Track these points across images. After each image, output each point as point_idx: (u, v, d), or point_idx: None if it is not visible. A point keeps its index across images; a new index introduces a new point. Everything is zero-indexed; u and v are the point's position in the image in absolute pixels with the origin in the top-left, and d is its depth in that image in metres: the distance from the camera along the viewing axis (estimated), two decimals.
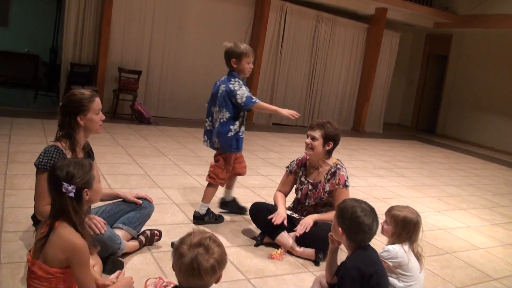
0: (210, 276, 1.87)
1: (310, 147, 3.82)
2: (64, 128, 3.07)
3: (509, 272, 4.16)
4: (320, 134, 3.79)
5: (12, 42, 12.12)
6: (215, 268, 1.87)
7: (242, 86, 4.19)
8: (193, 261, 1.85)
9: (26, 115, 8.21)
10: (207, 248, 1.89)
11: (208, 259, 1.86)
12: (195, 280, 1.87)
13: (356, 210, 2.53)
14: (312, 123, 3.92)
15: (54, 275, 2.17)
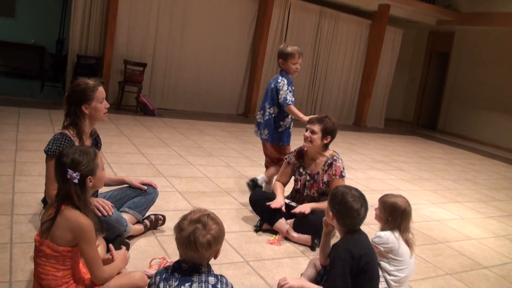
0: (206, 250, 2.04)
1: (309, 140, 3.99)
2: (70, 117, 3.23)
3: (500, 261, 4.31)
4: (319, 128, 3.96)
5: (19, 33, 12.27)
6: (210, 243, 2.04)
7: (287, 85, 4.73)
8: (190, 235, 2.03)
9: (33, 105, 8.39)
10: (204, 224, 2.06)
11: (204, 235, 2.04)
12: (192, 253, 2.05)
13: (346, 195, 2.69)
14: (312, 118, 4.09)
15: (62, 253, 2.33)
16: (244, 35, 11.21)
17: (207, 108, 11.01)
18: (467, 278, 3.79)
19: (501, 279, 3.91)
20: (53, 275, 2.31)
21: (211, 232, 2.05)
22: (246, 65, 11.39)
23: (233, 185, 5.32)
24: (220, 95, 11.18)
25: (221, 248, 2.17)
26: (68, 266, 2.35)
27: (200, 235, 2.03)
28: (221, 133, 8.56)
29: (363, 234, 2.79)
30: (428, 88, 15.04)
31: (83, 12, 9.38)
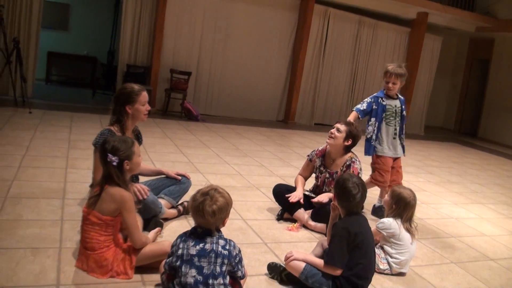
0: (211, 217, 2.52)
1: (333, 136, 4.43)
2: (115, 115, 3.79)
3: (508, 256, 4.58)
4: (345, 129, 4.40)
5: (73, 45, 13.13)
6: (215, 212, 2.52)
7: (368, 98, 5.05)
8: (199, 205, 2.54)
9: (85, 110, 9.11)
10: (212, 197, 2.56)
11: (211, 205, 2.52)
12: (200, 219, 2.56)
13: (347, 181, 3.11)
14: (341, 119, 4.60)
15: (105, 221, 2.87)
16: (284, 44, 11.68)
17: (248, 114, 11.53)
18: (471, 267, 4.11)
19: (506, 270, 4.20)
20: (96, 239, 2.84)
21: (216, 203, 2.53)
22: (286, 73, 11.85)
23: (263, 182, 5.78)
24: (261, 102, 11.68)
25: (228, 217, 2.65)
26: (110, 233, 2.88)
27: (207, 205, 2.52)
28: (259, 137, 9.03)
29: (362, 217, 3.19)
30: (469, 96, 15.10)
31: (132, 25, 10.08)
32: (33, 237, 3.33)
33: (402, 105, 5.05)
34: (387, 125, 4.97)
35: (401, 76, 4.83)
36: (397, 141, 5.03)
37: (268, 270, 3.27)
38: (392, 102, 4.98)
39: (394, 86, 4.86)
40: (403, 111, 5.03)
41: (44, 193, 4.25)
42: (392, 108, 4.96)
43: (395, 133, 5.00)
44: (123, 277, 2.89)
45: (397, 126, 5.00)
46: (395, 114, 4.97)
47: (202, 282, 2.47)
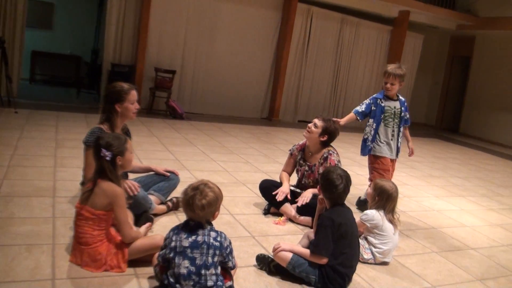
0: (200, 211, 2.63)
1: (309, 131, 4.59)
2: (105, 113, 3.87)
3: (488, 245, 4.75)
4: (321, 124, 4.55)
5: (56, 44, 13.08)
6: (204, 206, 2.63)
7: (367, 100, 5.16)
8: (189, 199, 2.65)
9: (70, 109, 9.14)
10: (201, 191, 2.66)
11: (200, 199, 2.63)
12: (190, 212, 2.68)
13: (331, 173, 3.26)
14: (320, 115, 4.74)
15: (98, 216, 2.96)
16: (268, 42, 11.80)
17: (233, 112, 11.63)
18: (452, 256, 4.26)
19: (486, 258, 4.36)
20: (90, 234, 2.93)
21: (206, 198, 2.64)
22: (270, 71, 11.97)
23: (249, 178, 5.89)
24: (245, 100, 11.79)
25: (218, 211, 2.77)
26: (103, 227, 2.97)
27: (197, 200, 2.63)
28: (244, 135, 9.14)
29: (347, 208, 3.32)
30: (451, 92, 15.35)
31: (116, 24, 10.12)
32: (26, 234, 3.41)
33: (402, 106, 5.03)
34: (386, 126, 4.98)
35: (399, 76, 4.81)
36: (394, 142, 5.04)
37: (256, 262, 3.39)
38: (392, 103, 4.98)
39: (393, 86, 4.85)
40: (402, 113, 5.01)
41: (35, 192, 4.32)
42: (391, 110, 4.96)
43: (392, 135, 5.00)
44: (117, 271, 2.98)
45: (395, 128, 5.01)
46: (394, 115, 4.98)
47: (195, 273, 2.58)
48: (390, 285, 3.46)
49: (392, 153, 5.06)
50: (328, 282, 3.13)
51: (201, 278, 2.58)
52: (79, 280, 2.87)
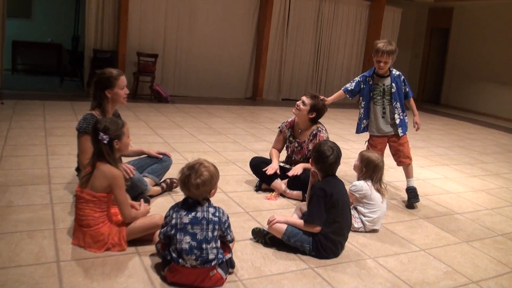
0: (195, 189, 2.75)
1: (298, 108, 4.70)
2: (96, 99, 3.95)
3: (472, 209, 4.94)
4: (309, 102, 4.66)
5: (36, 33, 12.98)
6: (198, 185, 2.74)
7: (358, 77, 5.01)
8: (185, 178, 2.77)
9: (55, 98, 9.16)
10: (197, 170, 2.77)
11: (195, 178, 2.75)
12: (185, 190, 2.80)
13: (322, 145, 3.44)
14: (308, 91, 4.85)
15: (99, 198, 3.06)
16: (248, 22, 11.84)
17: (217, 93, 11.71)
18: (438, 221, 4.44)
19: (470, 221, 4.54)
20: (92, 216, 3.04)
21: (201, 177, 2.75)
22: (252, 50, 12.04)
23: (238, 157, 6.03)
24: (229, 81, 11.86)
25: (215, 189, 2.89)
26: (104, 209, 3.08)
27: (192, 179, 2.75)
28: (230, 115, 9.24)
29: (338, 180, 3.47)
30: (431, 64, 15.52)
31: (96, 9, 10.10)
32: (27, 221, 3.50)
33: (393, 82, 4.75)
34: (375, 105, 4.84)
35: (392, 53, 4.57)
36: (386, 120, 4.84)
37: (252, 235, 3.53)
38: (380, 80, 4.77)
39: (386, 65, 4.63)
40: (392, 88, 4.74)
41: (30, 180, 4.41)
42: (379, 87, 4.78)
43: (384, 112, 4.82)
44: (118, 249, 3.10)
45: (387, 105, 4.80)
46: (383, 93, 4.77)
47: (196, 247, 2.70)
48: (381, 250, 3.62)
49: (386, 130, 4.87)
50: (322, 249, 3.29)
51: (202, 252, 2.71)
52: (83, 261, 2.98)
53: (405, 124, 4.92)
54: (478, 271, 3.45)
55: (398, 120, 4.83)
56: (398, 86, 4.78)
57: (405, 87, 4.87)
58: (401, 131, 4.88)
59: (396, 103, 4.80)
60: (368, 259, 3.44)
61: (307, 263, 3.25)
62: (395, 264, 3.41)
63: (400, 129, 4.86)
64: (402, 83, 4.84)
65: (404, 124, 4.90)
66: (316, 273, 3.13)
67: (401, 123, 4.86)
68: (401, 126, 4.86)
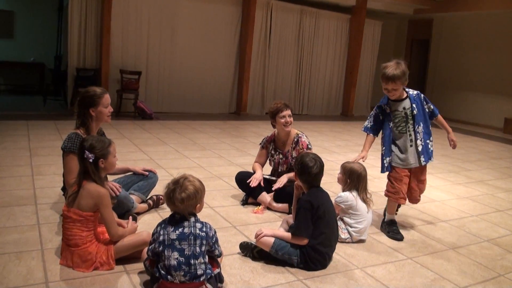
0: (180, 203, 2.76)
1: (290, 123, 4.77)
2: (80, 118, 3.95)
3: (458, 216, 5.01)
4: (290, 111, 4.77)
5: (18, 53, 12.96)
6: (183, 199, 2.75)
7: (373, 110, 4.40)
8: (170, 192, 2.79)
9: (39, 117, 9.11)
10: (181, 185, 2.78)
11: (180, 193, 2.76)
12: (171, 205, 2.82)
13: (304, 157, 3.48)
14: (279, 106, 4.76)
15: (86, 217, 3.06)
16: (230, 37, 11.91)
17: (201, 109, 11.74)
18: (424, 229, 4.49)
19: (456, 228, 4.60)
20: (79, 235, 3.04)
21: (185, 191, 2.76)
22: (235, 66, 12.10)
23: (224, 172, 6.04)
24: (212, 96, 11.90)
25: (201, 204, 2.90)
26: (91, 228, 3.08)
27: (177, 193, 2.76)
28: (214, 130, 9.27)
29: (323, 191, 3.51)
30: (412, 75, 15.36)
31: (78, 29, 10.11)
32: (14, 242, 3.48)
33: (413, 103, 4.12)
34: (400, 133, 4.20)
35: (398, 78, 3.97)
36: (414, 148, 4.18)
37: (240, 249, 3.55)
38: (399, 105, 4.16)
39: (395, 91, 4.06)
40: (414, 110, 4.11)
41: (16, 201, 4.38)
42: (400, 113, 4.16)
43: (411, 140, 4.18)
44: (107, 268, 3.10)
45: (412, 131, 4.16)
46: (406, 117, 4.15)
47: (184, 263, 2.71)
48: (368, 260, 3.66)
49: (413, 161, 4.21)
50: (310, 261, 3.32)
51: (191, 268, 2.72)
52: (71, 281, 2.97)
53: (427, 151, 4.23)
54: (465, 277, 3.50)
55: (421, 146, 4.17)
56: (419, 107, 4.14)
57: (428, 106, 4.23)
58: (423, 159, 4.19)
59: (418, 126, 4.15)
60: (356, 269, 3.47)
61: (295, 276, 3.27)
62: (383, 273, 3.44)
63: (422, 157, 4.18)
64: (424, 101, 4.21)
65: (426, 151, 4.22)
66: (305, 285, 3.15)
67: (423, 150, 4.19)
68: (423, 153, 4.19)
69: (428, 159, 4.23)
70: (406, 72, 4.02)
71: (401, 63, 4.01)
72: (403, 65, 4.01)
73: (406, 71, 4.01)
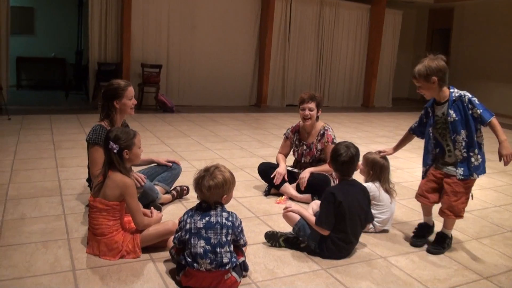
0: (207, 191, 2.80)
1: (309, 117, 4.70)
2: (104, 110, 4.00)
3: (481, 207, 4.97)
4: (314, 104, 4.70)
5: (40, 49, 13.12)
6: (210, 187, 2.79)
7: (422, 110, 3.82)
8: (199, 179, 2.83)
9: (61, 112, 9.24)
10: (211, 173, 2.82)
11: (208, 180, 2.80)
12: (198, 192, 2.86)
13: (339, 144, 3.50)
14: (303, 97, 4.74)
15: (112, 206, 3.11)
16: (250, 30, 11.91)
17: (222, 102, 11.78)
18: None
19: (480, 219, 4.57)
20: (105, 224, 3.09)
21: (214, 180, 2.80)
22: (255, 58, 12.10)
23: (246, 163, 6.08)
24: (233, 88, 11.93)
25: (229, 196, 2.92)
26: (117, 217, 3.13)
27: (205, 181, 2.80)
28: (235, 122, 9.30)
29: (355, 185, 3.49)
30: None
31: (99, 23, 10.20)
32: (40, 232, 3.55)
33: (450, 108, 3.48)
34: (442, 140, 3.64)
35: (421, 76, 3.45)
36: (451, 158, 3.62)
37: (266, 239, 3.58)
38: (439, 109, 3.57)
39: (424, 90, 3.53)
40: (449, 117, 3.47)
41: (41, 192, 4.46)
42: (440, 119, 3.58)
43: (449, 150, 3.60)
44: (133, 256, 3.15)
45: (450, 142, 3.55)
46: (445, 124, 3.55)
47: (210, 251, 2.75)
48: (392, 249, 3.65)
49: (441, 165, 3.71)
50: (326, 250, 3.35)
51: (217, 256, 2.75)
52: (98, 269, 3.02)
53: (469, 165, 3.52)
54: (488, 267, 3.48)
55: (461, 157, 3.53)
56: (460, 112, 3.46)
57: (475, 110, 3.43)
58: (461, 173, 3.52)
59: (456, 135, 3.48)
60: (379, 259, 3.47)
61: (319, 265, 3.29)
62: (406, 263, 3.43)
63: (461, 170, 3.52)
64: (468, 105, 3.45)
65: (467, 165, 3.52)
66: (329, 274, 3.16)
67: (463, 163, 3.53)
68: (463, 166, 3.53)
69: (469, 174, 3.52)
70: (435, 70, 3.40)
71: (434, 59, 3.44)
72: (434, 61, 3.42)
73: (434, 68, 3.39)
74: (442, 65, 3.43)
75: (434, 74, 3.40)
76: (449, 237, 3.73)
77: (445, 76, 3.45)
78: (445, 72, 3.44)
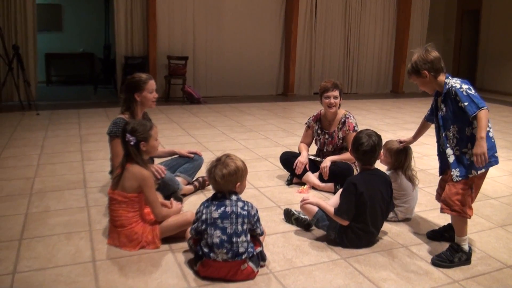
0: (221, 180, 2.81)
1: (335, 105, 4.68)
2: (125, 103, 4.04)
3: (508, 193, 4.84)
4: (338, 92, 4.67)
5: (68, 44, 13.33)
6: (224, 175, 2.81)
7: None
8: (212, 168, 2.87)
9: (89, 106, 9.38)
10: (223, 162, 2.85)
11: (221, 169, 2.82)
12: (212, 180, 2.89)
13: (361, 132, 3.44)
14: (327, 86, 4.69)
15: (130, 198, 3.15)
16: (276, 18, 11.85)
17: (248, 91, 11.77)
18: (474, 207, 4.33)
19: (506, 206, 4.46)
20: (125, 216, 3.13)
21: (226, 168, 2.82)
22: (281, 46, 12.05)
23: (270, 153, 6.06)
24: (259, 78, 11.90)
25: (243, 183, 2.93)
26: (136, 208, 3.17)
27: (217, 170, 2.83)
28: (261, 112, 9.29)
29: (377, 174, 3.43)
30: (463, 48, 15.23)
31: (125, 17, 10.28)
32: (64, 223, 3.62)
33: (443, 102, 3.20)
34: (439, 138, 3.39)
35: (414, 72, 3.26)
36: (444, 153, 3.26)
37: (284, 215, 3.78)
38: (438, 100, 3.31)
39: (420, 86, 3.36)
40: (439, 111, 3.24)
41: (66, 185, 4.54)
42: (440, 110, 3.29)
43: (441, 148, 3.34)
44: (152, 247, 3.18)
45: (442, 133, 3.23)
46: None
47: (227, 241, 2.75)
48: (414, 238, 3.60)
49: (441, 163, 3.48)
50: (346, 240, 3.32)
51: (233, 246, 2.75)
52: (118, 260, 3.06)
53: (464, 164, 3.15)
54: None
55: (452, 157, 3.19)
56: (450, 106, 3.15)
57: (461, 104, 3.03)
58: (457, 174, 3.15)
59: (447, 131, 3.20)
60: (401, 248, 3.42)
61: (338, 254, 3.26)
62: (428, 252, 3.37)
63: (457, 171, 3.16)
64: (455, 98, 3.08)
65: (460, 165, 3.16)
66: (348, 263, 3.13)
67: (456, 163, 3.18)
68: (458, 166, 3.17)
69: (466, 173, 3.13)
70: (422, 63, 3.18)
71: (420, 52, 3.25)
72: (420, 54, 3.23)
73: (421, 61, 3.19)
74: (428, 56, 3.19)
75: (423, 68, 3.18)
76: (462, 250, 3.20)
77: (436, 66, 3.18)
78: (433, 61, 3.18)
